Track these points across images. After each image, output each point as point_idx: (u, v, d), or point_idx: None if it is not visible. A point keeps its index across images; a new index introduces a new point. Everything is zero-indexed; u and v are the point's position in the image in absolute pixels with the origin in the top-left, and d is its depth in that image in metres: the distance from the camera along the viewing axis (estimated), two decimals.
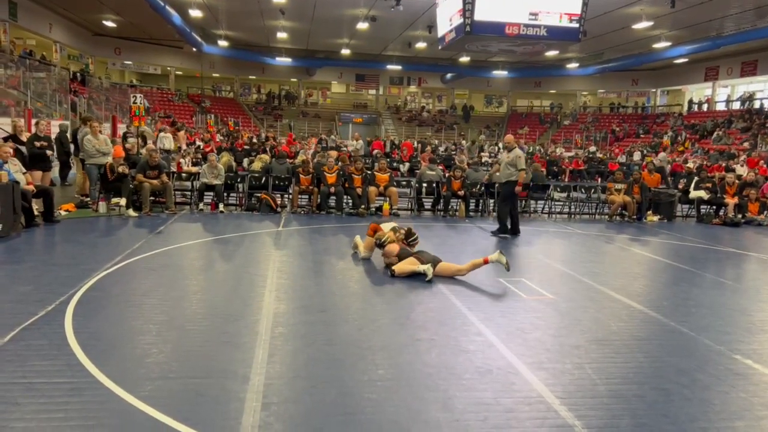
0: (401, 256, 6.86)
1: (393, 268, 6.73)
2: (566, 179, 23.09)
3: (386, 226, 7.41)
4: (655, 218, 12.86)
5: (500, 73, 37.22)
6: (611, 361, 4.37)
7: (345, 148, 22.00)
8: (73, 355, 4.04)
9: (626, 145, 32.04)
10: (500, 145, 30.89)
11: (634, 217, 12.62)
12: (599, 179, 22.77)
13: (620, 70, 34.70)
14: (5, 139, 10.04)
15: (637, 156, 26.32)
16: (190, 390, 3.61)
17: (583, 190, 13.70)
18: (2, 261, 6.91)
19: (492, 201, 12.88)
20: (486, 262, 6.73)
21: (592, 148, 29.76)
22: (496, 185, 11.51)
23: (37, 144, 10.07)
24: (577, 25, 16.94)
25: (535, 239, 10.09)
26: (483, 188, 12.62)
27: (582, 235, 10.67)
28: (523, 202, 13.10)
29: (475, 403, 3.57)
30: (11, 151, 9.17)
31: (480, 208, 12.84)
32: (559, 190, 13.63)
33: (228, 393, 3.59)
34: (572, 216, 13.13)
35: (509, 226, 9.92)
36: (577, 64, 34.91)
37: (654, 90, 40.18)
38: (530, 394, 3.73)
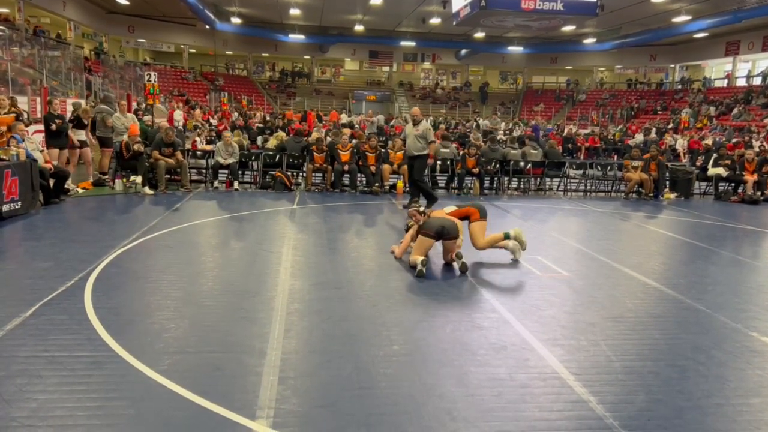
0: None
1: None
2: (582, 156, 22.91)
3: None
4: (672, 196, 12.73)
5: (515, 49, 36.73)
6: (626, 338, 4.36)
7: (359, 126, 21.86)
8: (93, 329, 4.11)
9: (643, 122, 31.59)
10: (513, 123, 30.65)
11: (651, 194, 12.49)
12: (615, 156, 22.57)
13: (638, 45, 34.07)
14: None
15: (653, 133, 25.98)
16: (207, 364, 3.66)
17: (599, 168, 13.56)
18: (22, 238, 7.02)
19: (506, 179, 12.81)
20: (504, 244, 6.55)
21: (613, 129, 29.24)
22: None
23: (56, 122, 10.12)
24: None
25: (550, 217, 10.04)
26: (498, 166, 12.53)
27: (598, 212, 10.60)
28: (539, 179, 13.02)
29: (489, 379, 3.59)
30: (27, 130, 9.26)
31: (495, 185, 12.77)
32: (574, 167, 13.53)
33: (245, 367, 3.64)
34: (588, 193, 13.03)
35: (426, 195, 9.84)
36: (594, 40, 34.31)
37: (672, 65, 39.42)
38: (545, 371, 3.74)
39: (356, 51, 40.73)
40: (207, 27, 33.11)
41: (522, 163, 12.73)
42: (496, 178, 12.75)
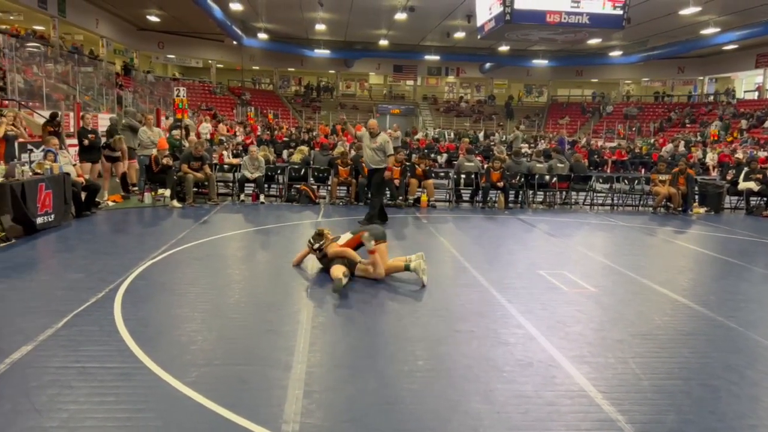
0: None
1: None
2: (608, 170, 22.67)
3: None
4: (702, 210, 12.50)
5: (540, 62, 36.58)
6: (656, 356, 4.28)
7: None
8: (123, 341, 4.18)
9: (671, 135, 31.15)
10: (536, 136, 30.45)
11: (680, 209, 12.29)
12: (643, 170, 22.28)
13: (666, 57, 33.66)
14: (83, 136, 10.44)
15: (682, 147, 25.58)
16: (234, 377, 3.69)
17: (626, 181, 13.40)
18: (55, 249, 7.19)
19: (531, 192, 12.73)
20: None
21: (640, 142, 28.81)
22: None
23: (89, 137, 10.37)
24: (621, 12, 16.53)
25: (576, 231, 9.94)
26: (523, 179, 12.46)
27: (625, 227, 10.46)
28: (564, 193, 12.91)
29: (515, 396, 3.55)
30: (58, 143, 9.51)
31: (520, 199, 12.69)
32: (601, 181, 13.38)
33: (271, 380, 3.66)
34: (615, 208, 12.87)
35: (378, 212, 9.54)
36: (620, 52, 34.02)
37: (701, 78, 38.87)
38: (572, 388, 3.69)
39: (381, 65, 41.02)
40: (234, 43, 33.68)
41: (547, 177, 12.64)
42: (521, 192, 12.67)
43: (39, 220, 7.72)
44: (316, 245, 6.22)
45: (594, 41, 30.08)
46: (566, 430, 3.18)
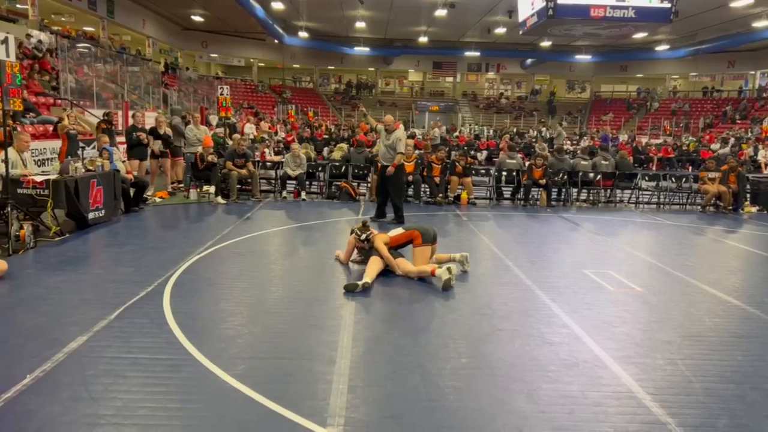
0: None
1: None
2: (654, 168, 22.11)
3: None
4: (754, 209, 12.08)
5: (583, 58, 35.90)
6: (706, 359, 4.17)
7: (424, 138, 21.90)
8: (172, 333, 4.30)
9: (720, 132, 30.16)
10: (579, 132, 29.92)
11: (730, 207, 11.91)
12: (690, 168, 21.65)
13: (715, 51, 32.58)
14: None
15: (731, 143, 24.74)
16: (279, 370, 3.76)
17: (673, 179, 13.05)
18: (106, 244, 7.43)
19: (574, 190, 12.52)
20: (433, 274, 5.88)
21: (686, 139, 27.92)
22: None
23: (141, 135, 10.67)
24: (668, 5, 16.10)
25: (621, 230, 9.73)
26: (565, 177, 12.27)
27: (672, 226, 10.19)
28: (609, 191, 12.66)
29: (561, 396, 3.51)
30: (108, 140, 9.81)
31: (562, 197, 12.50)
32: (647, 179, 13.07)
33: (316, 374, 3.71)
34: (661, 206, 12.54)
35: (396, 213, 9.31)
36: (667, 46, 33.08)
37: (753, 72, 37.47)
38: (619, 389, 3.63)
39: (420, 62, 40.95)
40: (276, 41, 34.13)
41: (591, 174, 12.41)
42: (564, 190, 12.48)
43: (91, 215, 7.98)
44: (363, 236, 6.23)
45: (640, 35, 29.42)
46: None
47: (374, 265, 5.93)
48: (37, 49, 17.67)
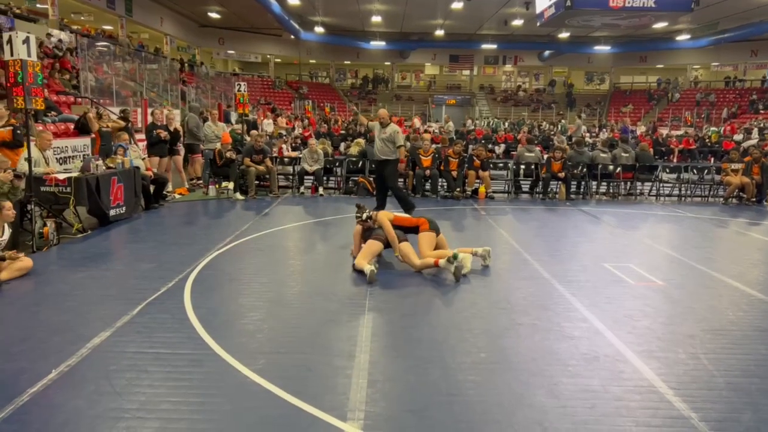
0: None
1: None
2: (675, 159, 21.80)
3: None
4: None
5: (602, 49, 35.44)
6: (729, 352, 4.11)
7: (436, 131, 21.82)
8: (193, 328, 4.34)
9: (743, 122, 29.63)
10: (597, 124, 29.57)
11: (753, 199, 11.71)
12: (712, 159, 21.31)
13: (738, 40, 31.97)
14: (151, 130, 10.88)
15: (756, 134, 24.29)
16: (300, 365, 3.79)
17: (694, 171, 12.86)
18: (127, 240, 7.53)
19: (594, 182, 12.39)
20: (436, 264, 5.92)
21: (708, 130, 27.43)
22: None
23: (160, 132, 10.75)
24: None
25: (642, 223, 9.62)
26: (585, 169, 12.15)
27: (694, 218, 10.05)
28: (629, 184, 12.52)
29: (581, 390, 3.49)
30: (128, 138, 9.92)
31: (582, 190, 12.38)
32: (668, 171, 12.89)
33: (335, 369, 3.73)
34: (682, 198, 12.37)
35: (403, 203, 9.36)
36: (688, 36, 32.53)
37: None
38: (641, 383, 3.60)
39: (436, 55, 40.77)
40: (292, 37, 34.22)
41: (611, 167, 12.27)
42: (583, 183, 12.36)
43: (112, 212, 8.09)
44: (364, 215, 6.32)
45: (660, 25, 28.94)
46: (636, 426, 3.11)
47: (369, 248, 5.96)
48: (57, 48, 17.91)
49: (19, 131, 7.75)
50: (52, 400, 3.26)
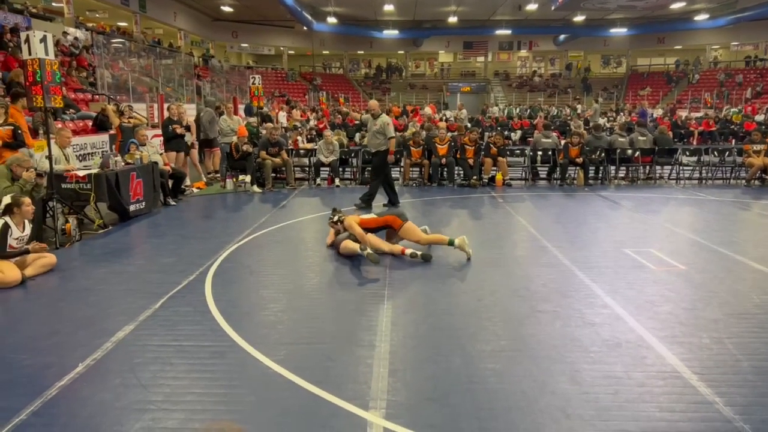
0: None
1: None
2: (695, 142, 21.48)
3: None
4: None
5: (619, 31, 34.96)
6: (755, 336, 4.06)
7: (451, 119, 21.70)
8: (215, 320, 4.39)
9: (764, 103, 29.06)
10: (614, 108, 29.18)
11: None
12: (733, 141, 20.96)
13: (758, 18, 31.25)
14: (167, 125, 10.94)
15: None
16: (321, 355, 3.81)
17: (715, 153, 12.65)
18: (147, 235, 7.61)
19: (612, 167, 12.26)
20: (402, 253, 6.24)
21: (729, 111, 26.90)
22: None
23: (177, 128, 10.82)
24: None
25: (662, 207, 9.51)
26: (603, 154, 12.01)
27: (715, 201, 9.91)
28: (648, 168, 12.36)
29: (604, 377, 3.47)
30: (148, 135, 9.99)
31: (600, 175, 12.25)
32: (688, 153, 12.71)
33: (356, 358, 3.75)
34: (703, 181, 12.19)
35: (388, 197, 9.36)
36: (706, 16, 31.95)
37: None
38: (664, 369, 3.57)
39: (450, 43, 40.51)
40: (305, 28, 34.19)
41: (629, 151, 12.13)
42: (601, 168, 12.23)
43: (132, 208, 8.18)
44: (336, 218, 6.46)
45: (677, 5, 28.47)
46: (659, 412, 3.09)
47: (347, 246, 6.11)
48: (73, 46, 18.09)
49: (19, 131, 7.57)
50: (79, 393, 3.32)
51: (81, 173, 7.63)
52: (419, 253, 6.14)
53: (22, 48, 6.69)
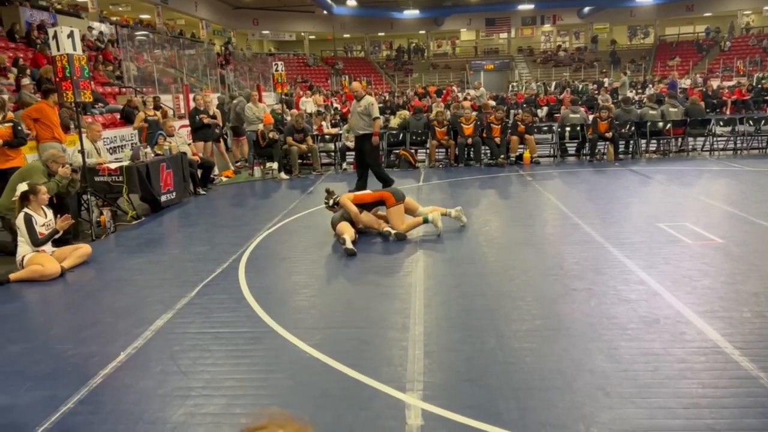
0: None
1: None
2: (728, 111, 20.89)
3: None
4: None
5: (645, 0, 33.96)
6: None
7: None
8: (250, 307, 4.45)
9: None
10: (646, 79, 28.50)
11: None
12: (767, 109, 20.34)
13: None
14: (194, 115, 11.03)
15: None
16: (355, 338, 3.83)
17: (750, 123, 12.28)
18: (180, 224, 7.73)
19: (643, 141, 12.00)
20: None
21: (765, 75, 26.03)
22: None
23: (204, 118, 10.91)
24: None
25: (696, 180, 9.30)
26: (633, 128, 11.75)
27: (751, 172, 9.64)
28: (680, 140, 12.07)
29: (642, 354, 3.42)
30: (175, 126, 10.10)
31: (631, 149, 12.01)
32: (721, 124, 12.37)
33: (390, 341, 3.77)
34: (738, 152, 11.87)
35: (382, 180, 8.94)
36: None
37: None
38: (704, 344, 3.51)
39: (472, 20, 39.87)
40: (325, 12, 34.02)
41: (660, 123, 11.85)
42: (632, 142, 11.98)
43: (163, 198, 8.30)
44: (331, 201, 6.49)
45: None
46: (702, 388, 3.04)
47: (346, 229, 6.09)
48: (99, 40, 18.31)
49: (20, 127, 7.38)
50: (122, 381, 3.41)
51: (113, 166, 7.76)
52: (394, 231, 6.19)
53: (50, 44, 6.79)
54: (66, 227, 5.77)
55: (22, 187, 5.63)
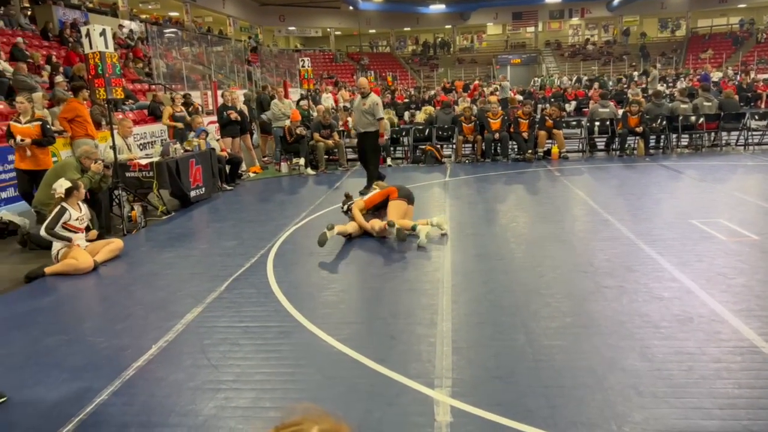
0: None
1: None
2: (763, 105, 20.35)
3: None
4: None
5: None
6: None
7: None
8: (279, 302, 4.48)
9: None
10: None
11: None
12: None
13: None
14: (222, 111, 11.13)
15: None
16: (383, 333, 3.84)
17: None
18: (209, 220, 7.82)
19: (675, 135, 11.75)
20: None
21: None
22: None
23: (232, 114, 11.00)
24: None
25: (730, 175, 9.08)
26: (664, 122, 11.52)
27: None
28: (713, 134, 11.80)
29: (676, 353, 3.36)
30: (204, 121, 10.21)
31: (662, 144, 11.78)
32: (756, 118, 12.05)
33: (419, 337, 3.76)
34: None
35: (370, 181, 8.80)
36: None
37: None
38: (741, 344, 3.42)
39: (498, 14, 39.55)
40: (350, 8, 34.04)
41: (693, 117, 11.59)
42: (663, 136, 11.75)
43: (192, 194, 8.40)
44: (345, 207, 6.52)
45: None
46: (738, 389, 2.97)
47: (350, 226, 6.12)
48: (129, 38, 18.59)
49: (48, 125, 7.41)
50: (154, 373, 3.46)
51: (143, 162, 7.88)
52: (396, 227, 5.89)
53: (82, 42, 6.91)
54: (92, 238, 5.91)
55: (60, 182, 5.75)
